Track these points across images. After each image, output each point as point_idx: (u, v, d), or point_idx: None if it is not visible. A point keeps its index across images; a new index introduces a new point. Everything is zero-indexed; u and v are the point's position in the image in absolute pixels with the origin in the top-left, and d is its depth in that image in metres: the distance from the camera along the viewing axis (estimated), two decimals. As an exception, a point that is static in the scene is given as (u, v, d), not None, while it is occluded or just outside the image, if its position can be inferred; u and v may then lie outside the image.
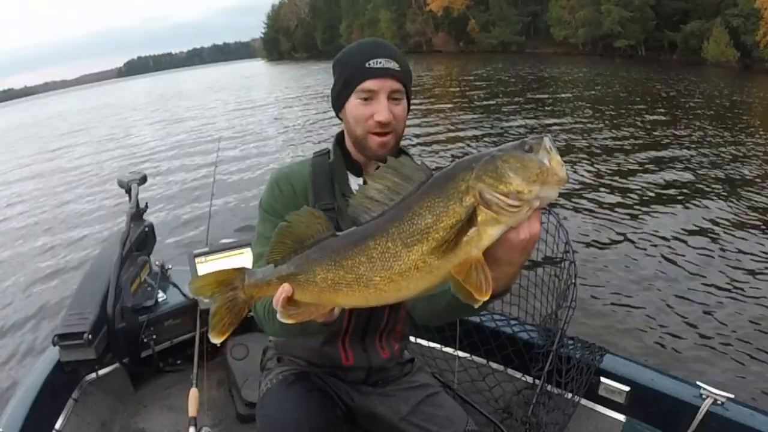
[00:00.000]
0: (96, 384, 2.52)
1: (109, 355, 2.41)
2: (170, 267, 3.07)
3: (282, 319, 1.03)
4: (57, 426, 2.19)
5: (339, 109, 1.52)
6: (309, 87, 30.67)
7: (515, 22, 54.83)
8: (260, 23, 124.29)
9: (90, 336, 2.20)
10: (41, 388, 2.16)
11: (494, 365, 2.44)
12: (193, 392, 2.22)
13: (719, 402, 1.82)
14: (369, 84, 1.41)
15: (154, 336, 2.63)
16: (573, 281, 2.11)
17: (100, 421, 2.40)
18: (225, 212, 7.72)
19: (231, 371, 2.59)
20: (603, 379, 2.10)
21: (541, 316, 2.29)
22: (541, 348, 2.12)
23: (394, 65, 1.42)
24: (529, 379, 2.27)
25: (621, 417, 2.11)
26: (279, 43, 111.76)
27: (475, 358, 2.45)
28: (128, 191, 2.90)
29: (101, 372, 2.55)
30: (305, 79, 38.16)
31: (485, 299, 0.87)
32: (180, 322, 2.73)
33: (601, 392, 2.12)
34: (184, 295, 2.79)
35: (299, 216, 1.05)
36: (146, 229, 3.03)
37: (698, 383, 1.91)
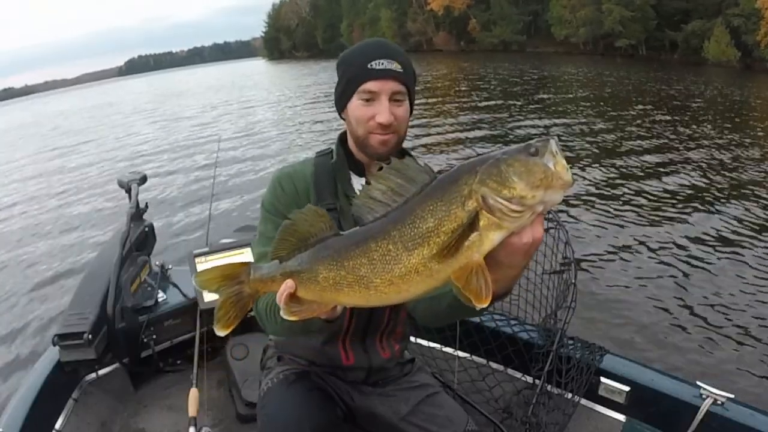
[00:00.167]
0: (96, 384, 2.52)
1: (109, 355, 2.41)
2: (170, 267, 3.07)
3: (285, 316, 1.03)
4: (57, 426, 2.19)
5: (341, 109, 1.52)
6: (310, 86, 30.68)
7: (516, 22, 54.88)
8: (261, 22, 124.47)
9: (90, 336, 2.20)
10: (41, 388, 2.16)
11: (494, 365, 2.44)
12: (193, 392, 2.22)
13: (719, 402, 1.82)
14: (370, 85, 1.41)
15: (154, 336, 2.62)
16: (573, 281, 2.10)
17: (100, 421, 2.40)
18: (225, 212, 7.73)
19: (231, 371, 2.59)
20: (603, 379, 2.10)
21: (541, 316, 2.29)
22: (541, 348, 2.12)
23: (397, 67, 1.42)
24: (529, 379, 2.26)
25: (621, 417, 2.11)
26: (280, 42, 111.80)
27: (475, 358, 2.45)
28: (128, 191, 2.90)
29: (101, 372, 2.55)
30: (306, 78, 38.16)
31: (484, 305, 0.86)
32: (180, 322, 2.73)
33: (601, 392, 2.12)
34: (184, 295, 2.79)
35: (303, 214, 1.04)
36: (146, 229, 3.03)
37: (698, 383, 1.91)
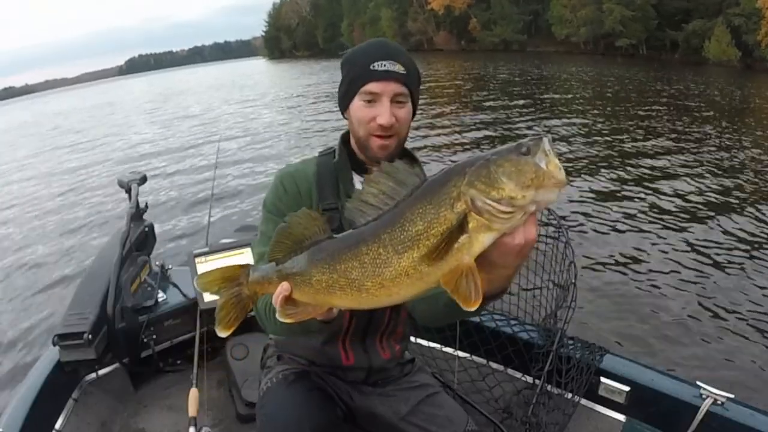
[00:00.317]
0: (96, 384, 2.52)
1: (109, 355, 2.41)
2: (170, 267, 3.07)
3: (280, 318, 1.04)
4: (57, 426, 2.19)
5: (344, 109, 1.53)
6: (311, 85, 30.67)
7: (516, 21, 54.93)
8: (261, 22, 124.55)
9: (90, 336, 2.20)
10: (41, 388, 2.16)
11: (494, 365, 2.44)
12: (193, 392, 2.22)
13: (719, 402, 1.82)
14: (372, 86, 1.41)
15: (154, 336, 2.62)
16: (573, 281, 2.10)
17: (100, 421, 2.40)
18: (225, 212, 7.72)
19: (231, 371, 2.59)
20: (603, 379, 2.10)
21: (541, 316, 2.29)
22: (541, 348, 2.12)
23: (399, 68, 1.41)
24: (529, 379, 2.26)
25: (621, 417, 2.11)
26: (280, 42, 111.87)
27: (475, 358, 2.45)
28: (128, 191, 2.90)
29: (101, 372, 2.55)
30: (307, 78, 38.16)
31: (473, 309, 0.86)
32: (180, 322, 2.73)
33: (601, 392, 2.12)
34: (184, 295, 2.79)
35: (297, 217, 1.05)
36: (146, 229, 3.02)
37: (698, 383, 1.91)
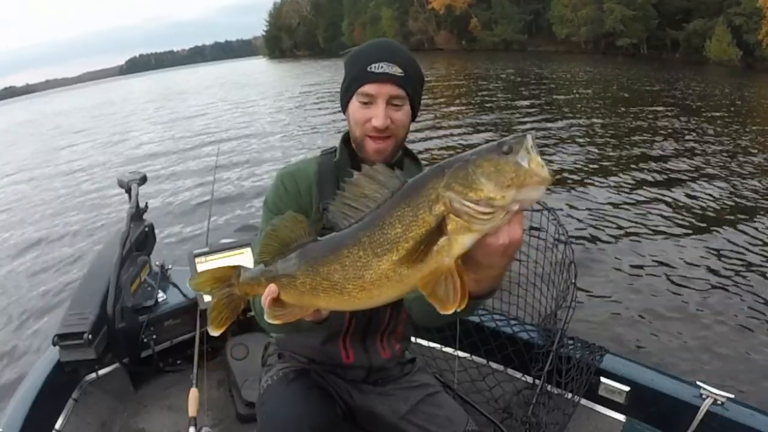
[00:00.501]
0: (96, 384, 2.52)
1: (109, 355, 2.41)
2: (170, 267, 3.08)
3: (268, 320, 1.06)
4: (57, 426, 2.19)
5: (344, 108, 1.53)
6: (311, 85, 30.66)
7: (517, 21, 54.92)
8: (262, 21, 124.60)
9: (90, 336, 2.20)
10: (41, 388, 2.16)
11: (494, 365, 2.44)
12: (193, 392, 2.22)
13: (719, 402, 1.82)
14: (368, 88, 1.41)
15: (154, 336, 2.62)
16: (573, 281, 2.10)
17: (100, 421, 2.40)
18: (225, 212, 7.71)
19: (231, 371, 2.59)
20: (603, 379, 2.10)
21: (541, 316, 2.29)
22: (541, 348, 2.11)
23: (396, 70, 1.41)
24: (529, 379, 2.26)
25: (621, 417, 2.11)
26: (281, 41, 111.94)
27: (475, 358, 2.45)
28: (128, 191, 2.90)
29: (101, 372, 2.55)
30: (307, 77, 38.14)
31: (450, 312, 0.85)
32: (180, 322, 2.73)
33: (601, 392, 2.12)
34: (184, 295, 2.79)
35: (283, 220, 1.06)
36: (146, 229, 3.02)
37: (698, 383, 1.91)
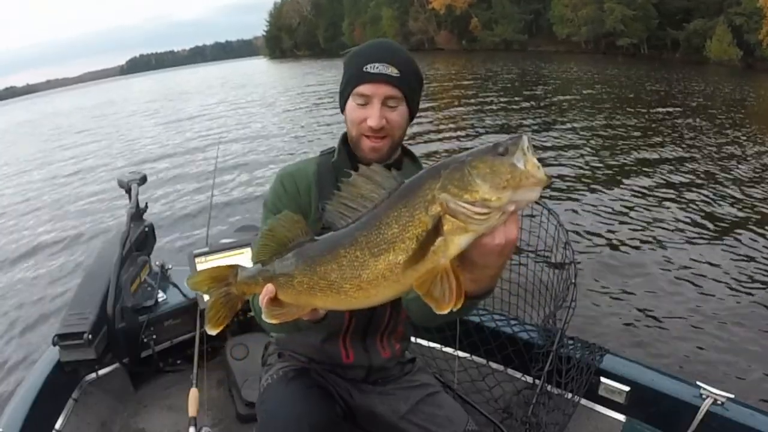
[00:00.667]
0: (96, 384, 2.52)
1: (109, 355, 2.41)
2: (170, 267, 3.07)
3: (266, 319, 1.07)
4: (57, 426, 2.19)
5: (342, 108, 1.54)
6: (312, 85, 30.66)
7: (518, 20, 54.89)
8: (262, 21, 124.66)
9: (90, 336, 2.20)
10: (41, 388, 2.16)
11: (494, 365, 2.44)
12: (193, 392, 2.22)
13: (719, 402, 1.82)
14: (364, 88, 1.42)
15: (154, 336, 2.62)
16: (573, 281, 2.10)
17: (100, 421, 2.40)
18: (225, 212, 7.72)
19: (231, 371, 2.59)
20: (603, 379, 2.10)
21: (541, 316, 2.29)
22: (541, 348, 2.11)
23: (392, 71, 1.41)
24: (529, 379, 2.26)
25: (621, 417, 2.11)
26: (281, 41, 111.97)
27: (475, 358, 2.45)
28: (128, 191, 2.90)
29: (101, 372, 2.55)
30: (308, 77, 38.15)
31: (445, 312, 0.86)
32: (180, 322, 2.73)
33: (601, 392, 2.12)
34: (184, 295, 2.79)
35: (281, 220, 1.08)
36: (146, 229, 3.02)
37: (698, 383, 1.91)
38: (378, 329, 1.63)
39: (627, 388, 2.05)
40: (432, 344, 2.60)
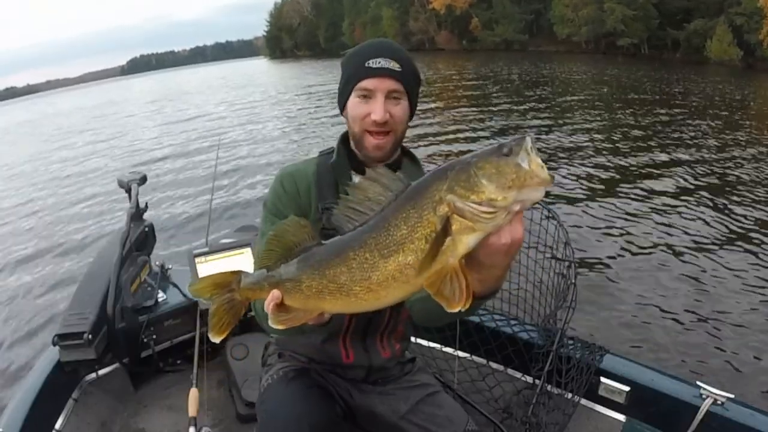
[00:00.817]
0: (96, 384, 2.52)
1: (109, 355, 2.41)
2: (170, 267, 3.07)
3: (272, 325, 1.07)
4: (57, 426, 2.19)
5: (342, 108, 1.54)
6: (312, 86, 30.63)
7: (518, 20, 54.94)
8: (262, 21, 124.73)
9: (90, 336, 2.19)
10: (41, 388, 2.16)
11: (494, 365, 2.44)
12: (193, 392, 2.22)
13: (719, 402, 1.82)
14: (367, 83, 1.43)
15: (154, 336, 2.62)
16: (573, 281, 2.10)
17: (100, 421, 2.40)
18: (225, 212, 7.72)
19: (231, 371, 2.59)
20: (603, 379, 2.10)
21: (541, 316, 2.29)
22: (541, 348, 2.11)
23: (395, 65, 1.43)
24: (529, 379, 2.26)
25: (621, 417, 2.11)
26: (281, 41, 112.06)
27: (475, 358, 2.45)
28: (128, 191, 2.89)
29: (101, 372, 2.55)
30: (308, 78, 38.15)
31: (456, 311, 0.87)
32: (180, 322, 2.73)
33: (601, 392, 2.12)
34: (184, 295, 2.78)
35: (286, 225, 1.07)
36: (146, 229, 3.02)
37: (698, 383, 1.91)
38: (378, 329, 1.63)
39: (627, 388, 2.05)
40: (432, 344, 2.60)
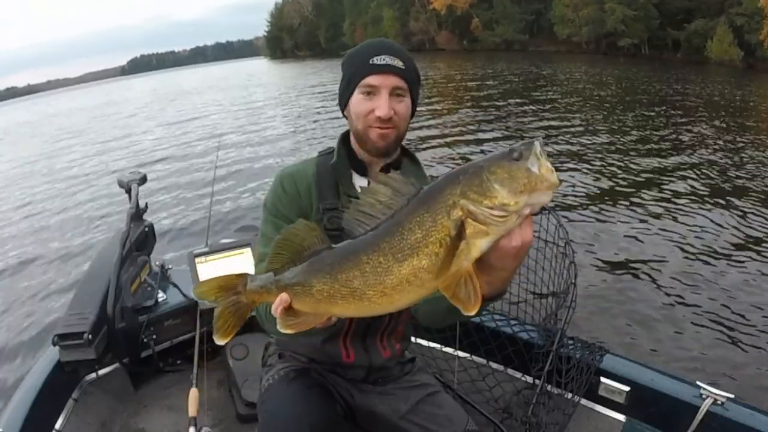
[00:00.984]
0: (96, 384, 2.52)
1: (109, 355, 2.40)
2: (170, 267, 3.07)
3: (281, 329, 1.06)
4: (57, 426, 2.19)
5: (344, 106, 1.54)
6: (313, 86, 30.63)
7: (518, 21, 54.99)
8: (263, 21, 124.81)
9: (90, 336, 2.19)
10: (41, 388, 2.16)
11: (494, 365, 2.43)
12: (193, 392, 2.22)
13: (719, 402, 1.82)
14: (371, 79, 1.44)
15: (154, 336, 2.62)
16: (573, 281, 2.10)
17: (100, 421, 2.40)
18: (225, 212, 7.71)
19: (231, 371, 2.58)
20: (603, 379, 2.10)
21: (541, 316, 2.29)
22: (541, 348, 2.11)
23: (399, 63, 1.44)
24: (529, 379, 2.26)
25: (621, 417, 2.11)
26: (282, 42, 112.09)
27: (475, 358, 2.45)
28: (128, 191, 2.89)
29: (101, 372, 2.55)
30: (309, 78, 38.16)
31: (473, 313, 0.88)
32: (180, 322, 2.72)
33: (601, 392, 2.11)
34: (184, 295, 2.78)
35: (296, 228, 1.07)
36: (146, 229, 3.01)
37: (698, 383, 1.91)
38: (378, 329, 1.63)
39: (627, 388, 2.05)
40: (432, 344, 2.60)
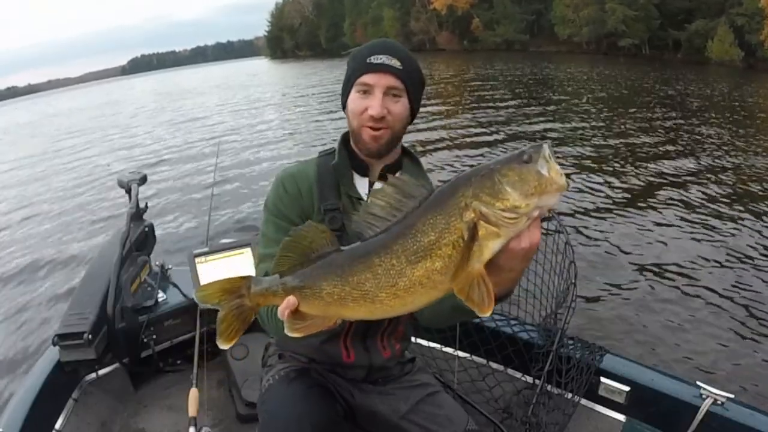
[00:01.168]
0: (96, 384, 2.52)
1: (109, 355, 2.41)
2: (170, 267, 3.07)
3: (289, 333, 1.04)
4: (57, 426, 2.19)
5: (344, 105, 1.55)
6: (313, 86, 30.63)
7: (519, 21, 54.96)
8: (263, 21, 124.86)
9: (90, 336, 2.19)
10: (41, 388, 2.16)
11: (494, 365, 2.43)
12: (193, 392, 2.22)
13: (719, 402, 1.82)
14: (366, 78, 1.45)
15: (154, 336, 2.62)
16: (573, 281, 2.10)
17: (100, 421, 2.40)
18: (225, 212, 7.70)
19: (231, 371, 2.58)
20: (603, 379, 2.10)
21: (541, 316, 2.29)
22: (541, 348, 2.11)
23: (395, 63, 1.45)
24: (529, 379, 2.26)
25: (621, 417, 2.11)
26: (282, 42, 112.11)
27: (475, 358, 2.45)
28: (128, 191, 2.89)
29: (101, 372, 2.55)
30: (309, 78, 38.17)
31: (487, 314, 0.89)
32: (180, 322, 2.73)
33: (601, 392, 2.12)
34: (184, 295, 2.78)
35: (304, 230, 1.06)
36: (146, 229, 3.02)
37: (698, 383, 1.91)
38: (379, 329, 1.63)
39: (627, 388, 2.05)
40: (432, 344, 2.60)
